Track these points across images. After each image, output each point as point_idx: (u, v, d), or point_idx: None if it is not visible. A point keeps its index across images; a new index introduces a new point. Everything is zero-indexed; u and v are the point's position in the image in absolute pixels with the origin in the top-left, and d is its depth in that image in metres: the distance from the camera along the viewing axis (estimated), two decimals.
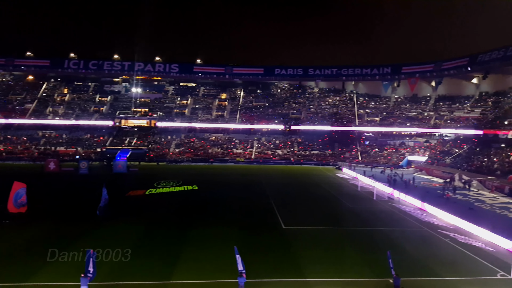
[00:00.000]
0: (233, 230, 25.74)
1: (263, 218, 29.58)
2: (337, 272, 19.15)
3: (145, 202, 34.90)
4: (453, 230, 27.41)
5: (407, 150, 70.99)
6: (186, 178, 47.90)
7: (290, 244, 23.33)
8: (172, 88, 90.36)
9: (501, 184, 42.92)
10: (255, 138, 77.15)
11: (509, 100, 62.76)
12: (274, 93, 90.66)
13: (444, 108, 75.79)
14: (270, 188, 43.16)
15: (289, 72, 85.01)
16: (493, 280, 18.42)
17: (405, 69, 79.29)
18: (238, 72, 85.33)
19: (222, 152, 71.49)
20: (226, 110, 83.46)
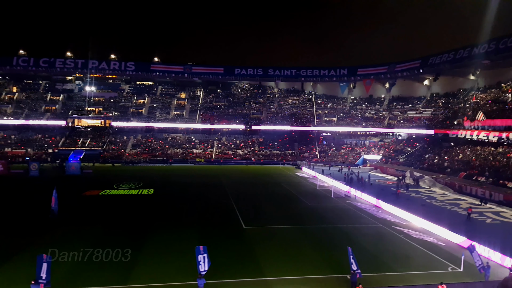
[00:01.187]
0: (193, 231, 25.07)
1: (224, 218, 29.15)
2: (297, 270, 19.19)
3: (101, 204, 33.17)
4: (407, 226, 28.39)
5: (363, 149, 73.29)
6: (144, 180, 46.46)
7: (251, 243, 23.13)
8: (128, 86, 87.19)
9: (451, 181, 45.26)
10: (216, 138, 76.31)
11: (458, 101, 66.66)
12: (235, 93, 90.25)
13: (398, 109, 79.08)
14: (230, 188, 42.71)
15: (249, 72, 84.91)
16: (445, 274, 19.13)
17: (361, 71, 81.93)
18: (197, 71, 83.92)
19: (181, 152, 69.95)
20: (186, 110, 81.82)
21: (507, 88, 55.94)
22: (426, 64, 68.09)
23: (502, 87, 57.80)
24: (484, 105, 54.67)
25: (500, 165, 42.50)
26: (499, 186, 38.90)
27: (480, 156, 47.49)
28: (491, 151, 47.23)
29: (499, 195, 36.97)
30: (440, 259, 21.25)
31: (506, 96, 53.08)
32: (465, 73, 66.74)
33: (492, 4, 58.77)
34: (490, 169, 42.79)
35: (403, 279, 18.43)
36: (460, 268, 19.63)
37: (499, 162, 43.55)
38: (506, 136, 43.55)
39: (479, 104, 56.66)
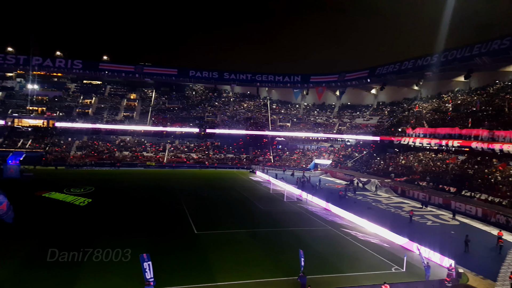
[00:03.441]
0: (142, 239, 24.02)
1: (175, 224, 28.37)
2: (248, 274, 19.13)
3: (40, 211, 30.83)
4: (354, 228, 29.42)
5: (314, 154, 75.32)
6: (88, 184, 43.92)
7: (202, 249, 22.71)
8: (74, 85, 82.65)
9: (395, 186, 47.73)
10: (168, 141, 74.40)
11: (403, 110, 70.71)
12: (189, 95, 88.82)
13: (347, 116, 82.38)
14: (183, 193, 41.77)
15: (204, 75, 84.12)
16: (388, 274, 19.99)
17: (313, 78, 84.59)
18: (149, 71, 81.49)
19: (130, 156, 67.31)
20: (136, 111, 78.95)
21: (447, 98, 60.31)
22: (374, 74, 71.66)
23: (443, 98, 62.25)
24: (426, 114, 58.45)
25: (440, 171, 45.55)
26: (438, 190, 41.63)
27: (422, 162, 50.60)
28: (432, 157, 50.53)
29: (438, 199, 39.56)
30: (385, 260, 22.19)
31: (446, 106, 57.16)
32: (409, 84, 71.07)
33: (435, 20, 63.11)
34: (431, 174, 45.71)
35: (350, 280, 18.99)
36: (402, 269, 20.62)
37: (439, 167, 46.66)
38: (445, 143, 46.79)
39: (422, 113, 60.52)
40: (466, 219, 33.98)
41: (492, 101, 49.00)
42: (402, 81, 70.72)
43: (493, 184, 36.56)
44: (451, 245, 24.63)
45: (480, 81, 58.34)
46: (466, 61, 52.25)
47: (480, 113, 47.14)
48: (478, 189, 37.43)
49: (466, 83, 60.34)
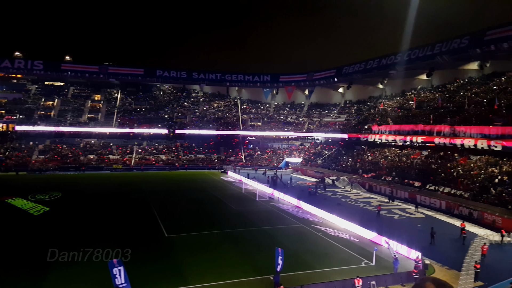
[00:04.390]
0: (110, 245, 23.03)
1: (144, 228, 27.60)
2: (222, 275, 19.02)
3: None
4: (325, 225, 29.88)
5: (285, 152, 75.96)
6: (55, 189, 41.99)
7: (174, 252, 22.34)
8: (35, 87, 78.77)
9: (362, 181, 48.95)
10: (135, 143, 72.43)
11: (369, 108, 72.63)
12: (157, 96, 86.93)
13: (316, 114, 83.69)
14: (152, 195, 40.80)
15: (172, 75, 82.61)
16: (359, 268, 20.43)
17: (283, 78, 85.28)
18: (114, 71, 78.99)
19: (96, 159, 65.03)
20: (101, 113, 76.33)
21: (411, 96, 62.51)
22: (341, 74, 73.17)
23: (407, 95, 64.46)
24: (391, 112, 60.35)
25: (405, 166, 47.15)
26: (404, 185, 43.08)
27: (388, 158, 52.19)
28: (397, 153, 52.23)
29: (404, 193, 40.95)
30: (355, 255, 22.68)
31: (410, 104, 59.24)
32: (374, 82, 73.11)
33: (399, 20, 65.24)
34: (397, 170, 47.23)
35: (321, 276, 19.25)
36: (372, 262, 21.14)
37: (404, 163, 48.28)
38: (410, 139, 48.50)
39: (387, 110, 62.42)
40: (431, 212, 35.37)
41: (453, 98, 51.27)
42: (367, 80, 72.65)
43: (455, 178, 38.23)
44: (418, 237, 25.56)
45: (441, 79, 60.92)
46: (428, 59, 54.34)
47: (442, 110, 49.20)
48: (442, 183, 39.04)
49: (428, 81, 62.83)
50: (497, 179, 33.78)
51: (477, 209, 31.40)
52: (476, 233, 27.62)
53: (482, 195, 33.28)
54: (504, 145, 35.32)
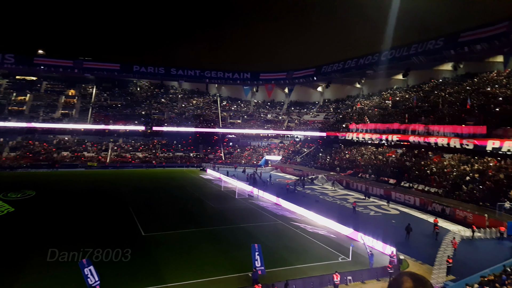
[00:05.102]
0: (85, 244, 22.50)
1: (121, 228, 27.02)
2: (200, 273, 18.91)
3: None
4: (303, 221, 30.13)
5: (265, 150, 76.13)
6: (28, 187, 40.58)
7: (151, 251, 21.99)
8: (6, 82, 75.69)
9: (340, 179, 49.64)
10: (111, 140, 70.77)
11: (346, 107, 73.69)
12: (133, 92, 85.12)
13: (295, 113, 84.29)
14: (128, 194, 40.09)
15: (149, 70, 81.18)
16: (335, 264, 20.70)
17: (263, 76, 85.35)
18: (89, 66, 77.10)
19: (70, 156, 63.22)
20: (75, 109, 74.17)
21: (387, 95, 63.80)
22: (320, 72, 73.95)
23: (383, 95, 65.76)
24: (368, 111, 61.43)
25: (381, 164, 48.10)
26: (380, 182, 43.97)
27: (364, 156, 53.12)
28: (373, 151, 53.22)
29: (380, 190, 41.78)
30: (332, 251, 22.97)
31: (386, 103, 60.44)
32: (352, 82, 74.28)
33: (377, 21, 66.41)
34: (373, 167, 48.13)
35: (299, 272, 19.40)
36: (348, 258, 21.47)
37: (380, 160, 49.25)
38: (386, 138, 49.51)
39: (364, 109, 63.51)
40: (406, 208, 36.21)
41: (427, 98, 52.64)
42: (346, 79, 73.73)
43: (428, 175, 39.29)
44: (393, 233, 26.10)
45: (416, 79, 62.49)
46: (404, 60, 55.71)
47: (417, 109, 50.45)
48: (416, 180, 40.06)
49: (404, 81, 64.33)
50: (469, 177, 34.90)
51: (450, 206, 32.38)
52: (448, 228, 28.43)
53: (454, 192, 34.34)
54: (475, 144, 36.50)
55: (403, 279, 2.24)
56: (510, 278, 16.21)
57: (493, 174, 33.32)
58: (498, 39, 42.69)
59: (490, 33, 43.51)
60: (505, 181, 31.52)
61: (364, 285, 18.85)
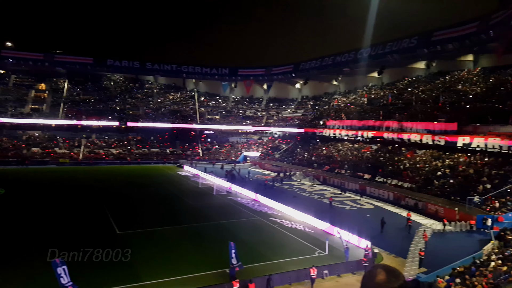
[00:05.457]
0: (57, 243, 21.76)
1: (94, 226, 26.34)
2: (176, 271, 18.72)
3: None
4: (281, 217, 30.31)
5: (243, 146, 75.99)
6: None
7: (126, 249, 21.40)
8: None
9: (317, 174, 50.24)
10: (84, 135, 68.52)
11: (324, 103, 74.51)
12: (107, 86, 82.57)
13: (274, 109, 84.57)
14: (102, 191, 39.12)
15: (124, 65, 79.16)
16: (312, 258, 20.94)
17: (241, 71, 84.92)
18: (61, 60, 74.48)
19: (41, 152, 61.04)
20: (46, 104, 71.47)
21: (362, 93, 64.92)
22: (298, 69, 74.36)
23: (359, 92, 66.87)
24: (345, 108, 62.36)
25: (357, 159, 49.01)
26: (355, 178, 44.78)
27: (341, 152, 53.96)
28: (349, 147, 54.15)
29: (355, 185, 42.57)
30: (309, 245, 23.22)
31: (362, 100, 61.51)
32: (329, 79, 75.14)
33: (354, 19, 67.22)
34: (349, 163, 48.95)
35: (277, 267, 19.51)
36: (325, 252, 21.76)
37: (355, 156, 50.16)
38: (361, 134, 50.45)
39: (340, 106, 64.43)
40: (380, 202, 37.04)
41: (401, 95, 53.92)
42: (323, 77, 74.48)
43: (402, 171, 40.37)
44: (367, 227, 26.59)
45: (391, 77, 63.85)
46: (379, 58, 56.68)
47: (391, 106, 51.62)
48: (390, 175, 41.07)
49: (379, 79, 65.57)
50: (440, 172, 36.09)
51: (422, 200, 33.38)
52: (420, 222, 29.21)
53: (426, 187, 35.42)
54: (447, 140, 37.75)
55: (376, 272, 2.29)
56: (479, 270, 16.80)
57: (463, 170, 34.54)
58: (468, 38, 43.91)
59: (461, 32, 44.70)
60: (474, 176, 32.72)
61: (340, 278, 19.16)
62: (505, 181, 29.83)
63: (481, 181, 31.31)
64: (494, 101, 38.66)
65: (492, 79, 43.48)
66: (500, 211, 26.48)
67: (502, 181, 29.95)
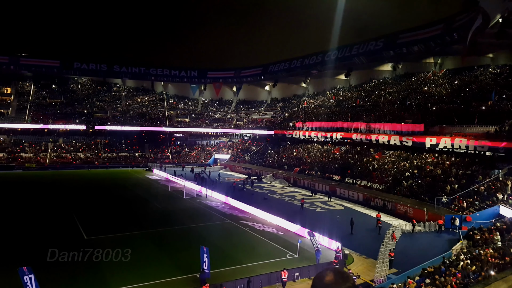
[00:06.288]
0: (25, 253, 20.76)
1: (61, 232, 25.28)
2: (146, 275, 18.25)
3: None
4: (252, 220, 30.14)
5: (214, 149, 75.35)
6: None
7: (94, 255, 20.69)
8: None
9: (287, 176, 50.48)
10: (50, 139, 65.92)
11: (293, 105, 75.19)
12: (74, 89, 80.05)
13: (244, 111, 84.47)
14: (70, 196, 37.71)
15: (91, 67, 76.92)
16: (283, 261, 20.88)
17: (210, 74, 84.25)
18: (27, 63, 71.70)
19: (6, 157, 58.22)
20: (12, 107, 68.50)
21: (331, 95, 66.01)
22: (267, 72, 74.67)
23: (327, 94, 67.95)
24: (314, 109, 63.17)
25: (326, 161, 49.65)
26: (325, 179, 45.29)
27: (311, 153, 54.54)
28: (319, 148, 54.81)
29: (325, 186, 43.04)
30: (280, 248, 23.17)
31: (330, 102, 62.53)
32: (298, 81, 75.91)
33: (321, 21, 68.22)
34: (319, 164, 49.51)
35: (248, 270, 19.32)
36: (296, 254, 21.76)
37: (325, 158, 50.81)
38: (330, 136, 51.20)
39: (310, 108, 65.21)
40: (350, 204, 37.59)
41: (369, 97, 55.21)
42: (292, 79, 75.25)
43: (371, 172, 41.17)
44: (338, 229, 26.84)
45: (358, 79, 65.36)
46: (346, 60, 57.78)
47: (359, 108, 52.73)
48: (359, 176, 41.76)
49: (347, 81, 67.01)
50: (408, 173, 36.83)
51: (391, 201, 33.91)
52: (390, 223, 29.51)
53: (395, 188, 36.03)
54: (414, 141, 38.72)
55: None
56: (448, 270, 17.04)
57: (430, 170, 35.33)
58: (433, 40, 44.85)
59: (426, 35, 45.60)
60: (442, 176, 33.40)
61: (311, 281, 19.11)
62: (472, 181, 30.58)
63: (448, 181, 31.87)
64: (459, 102, 40.06)
65: (457, 81, 45.19)
66: (468, 211, 27.10)
67: (469, 181, 30.68)
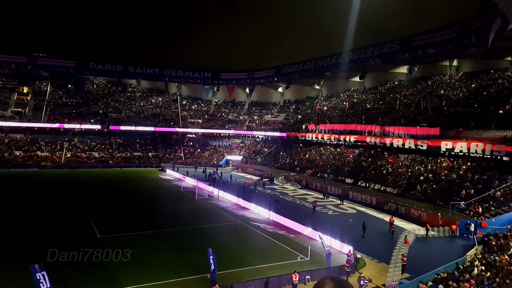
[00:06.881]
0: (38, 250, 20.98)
1: (75, 230, 25.65)
2: (157, 275, 18.34)
3: None
4: (263, 221, 30.01)
5: (226, 150, 75.55)
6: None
7: (106, 253, 20.92)
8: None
9: (299, 178, 50.19)
10: (66, 139, 67.19)
11: (306, 107, 74.81)
12: (90, 90, 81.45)
13: (256, 113, 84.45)
14: (84, 195, 38.31)
15: (106, 68, 77.90)
16: (294, 263, 20.71)
17: (224, 75, 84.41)
18: (44, 63, 73.04)
19: (23, 156, 59.55)
20: (29, 107, 70.08)
21: (344, 97, 65.45)
22: (280, 73, 74.40)
23: (341, 97, 67.39)
24: (327, 112, 62.72)
25: (339, 163, 49.19)
26: (338, 182, 44.85)
27: (323, 156, 54.12)
28: (332, 151, 54.35)
29: (338, 190, 42.61)
30: (291, 250, 22.99)
31: (344, 104, 61.99)
32: (311, 83, 75.48)
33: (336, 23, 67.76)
34: (331, 167, 49.07)
35: (259, 272, 19.20)
36: (307, 257, 21.55)
37: (338, 160, 50.36)
38: (344, 138, 50.70)
39: (323, 110, 64.77)
40: (363, 207, 37.08)
41: (383, 100, 54.51)
42: (305, 81, 74.85)
43: (384, 175, 40.59)
44: (350, 232, 26.52)
45: (373, 81, 64.58)
46: (361, 62, 57.02)
47: (373, 111, 52.10)
48: (372, 180, 41.22)
49: (361, 83, 66.30)
50: (423, 177, 36.18)
51: (405, 205, 33.37)
52: (403, 227, 29.09)
53: (409, 192, 35.47)
54: (429, 145, 38.03)
55: (325, 282, 2.36)
56: (462, 276, 16.63)
57: (446, 174, 34.62)
58: (450, 43, 43.93)
59: (443, 37, 44.53)
60: (457, 181, 32.70)
61: None
62: (488, 186, 29.90)
63: (464, 186, 31.25)
64: (476, 106, 39.23)
65: (474, 84, 44.24)
66: (483, 216, 26.51)
67: (485, 186, 30.03)
